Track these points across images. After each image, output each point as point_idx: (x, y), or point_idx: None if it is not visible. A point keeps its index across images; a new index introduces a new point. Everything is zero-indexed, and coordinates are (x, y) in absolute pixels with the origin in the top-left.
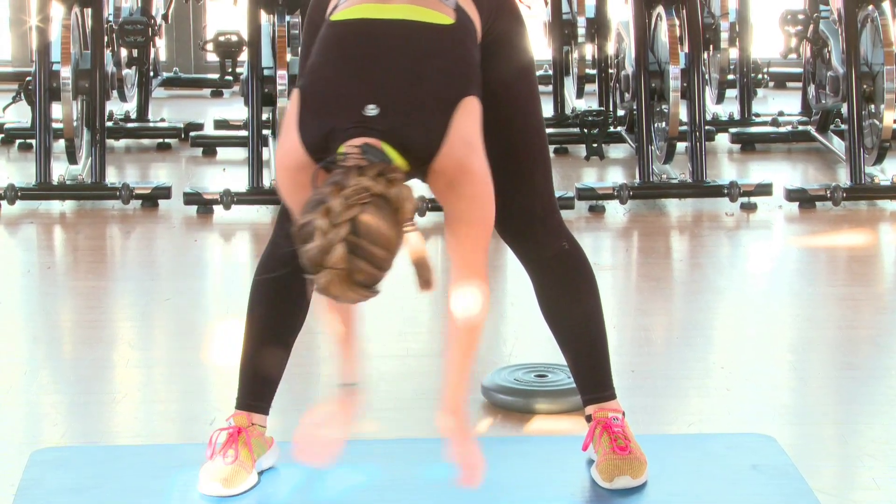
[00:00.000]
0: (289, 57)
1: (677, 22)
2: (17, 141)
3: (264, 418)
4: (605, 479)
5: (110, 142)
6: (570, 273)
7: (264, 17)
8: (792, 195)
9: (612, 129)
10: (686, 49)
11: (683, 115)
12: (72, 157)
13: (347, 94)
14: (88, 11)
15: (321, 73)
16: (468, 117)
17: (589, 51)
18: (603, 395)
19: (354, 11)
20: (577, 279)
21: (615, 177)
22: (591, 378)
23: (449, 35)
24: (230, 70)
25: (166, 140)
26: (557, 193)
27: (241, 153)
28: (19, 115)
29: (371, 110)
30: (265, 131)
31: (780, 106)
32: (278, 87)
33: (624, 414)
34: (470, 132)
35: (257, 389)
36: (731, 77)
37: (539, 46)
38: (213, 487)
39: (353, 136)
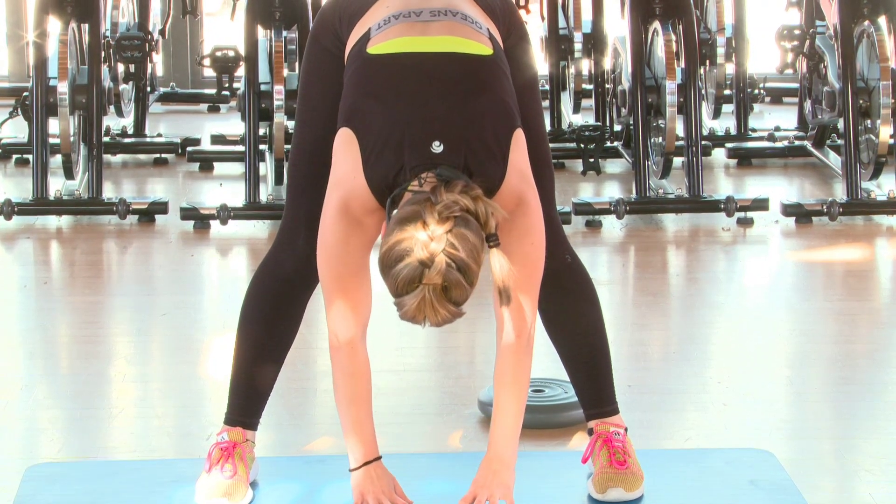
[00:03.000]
0: (286, 72)
1: (674, 37)
2: (14, 156)
3: (255, 434)
4: (598, 491)
5: (107, 157)
6: (571, 287)
7: (261, 33)
8: (788, 210)
9: (608, 143)
10: (682, 64)
11: (680, 130)
12: (69, 173)
13: (411, 133)
14: (85, 27)
15: (376, 113)
16: (520, 150)
17: (586, 66)
18: (605, 411)
19: (396, 45)
20: (578, 294)
21: (612, 192)
22: (594, 393)
23: (491, 66)
24: (227, 85)
25: (163, 155)
26: None
27: (237, 168)
28: (16, 130)
29: (437, 147)
30: (262, 146)
31: (776, 121)
32: (275, 103)
33: (626, 429)
34: (523, 165)
35: (251, 407)
36: (727, 92)
37: (536, 61)
38: (219, 502)
39: (422, 171)
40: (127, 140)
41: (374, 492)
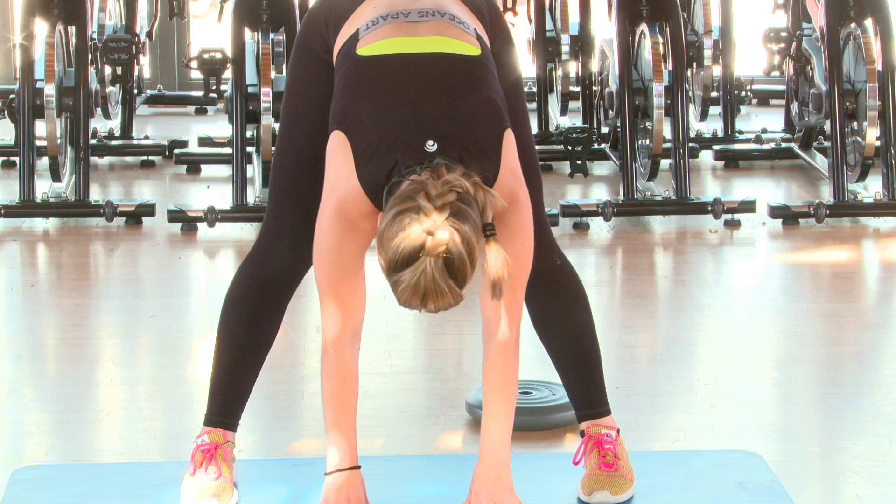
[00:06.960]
0: (273, 74)
1: (661, 39)
2: (1, 158)
3: (234, 435)
4: (585, 493)
5: (94, 159)
6: (561, 290)
7: (248, 35)
8: (775, 212)
9: (596, 146)
10: (670, 66)
11: (667, 132)
12: (55, 175)
13: (404, 134)
14: (72, 29)
15: (367, 115)
16: (511, 149)
17: (573, 68)
18: (596, 412)
19: (386, 46)
20: (568, 296)
21: (599, 194)
22: (585, 394)
23: (480, 66)
24: (214, 87)
25: (150, 157)
26: None
27: (225, 170)
28: (3, 132)
29: (430, 146)
30: (249, 149)
31: (763, 123)
32: (262, 105)
33: (619, 431)
34: (515, 164)
35: (232, 407)
36: (714, 94)
37: (523, 64)
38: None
39: (417, 170)
40: (114, 142)
41: (338, 500)
